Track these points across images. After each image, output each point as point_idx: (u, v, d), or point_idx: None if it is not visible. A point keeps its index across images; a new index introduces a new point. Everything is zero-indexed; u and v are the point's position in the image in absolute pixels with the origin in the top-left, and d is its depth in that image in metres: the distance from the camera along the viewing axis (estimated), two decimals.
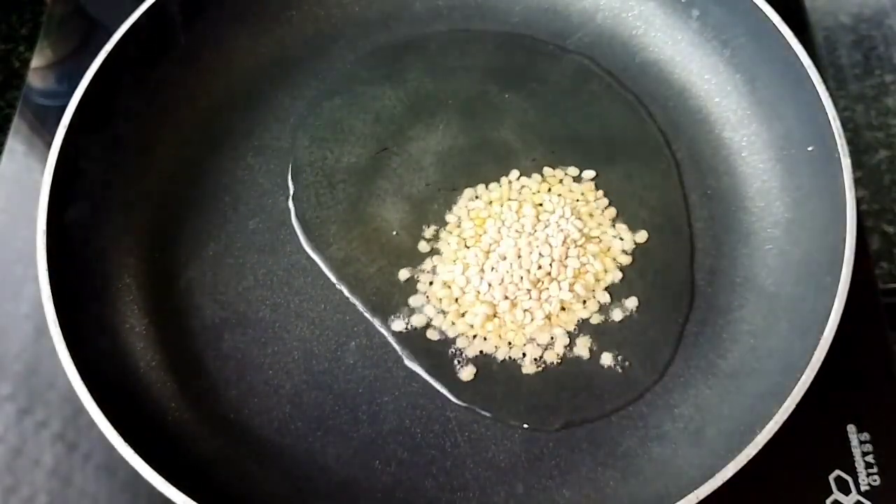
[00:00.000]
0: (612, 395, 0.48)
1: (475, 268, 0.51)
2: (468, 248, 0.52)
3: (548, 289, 0.51)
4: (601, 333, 0.50)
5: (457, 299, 0.51)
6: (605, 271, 0.52)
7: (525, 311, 0.50)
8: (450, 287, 0.51)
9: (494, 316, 0.50)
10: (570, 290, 0.51)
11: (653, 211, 0.54)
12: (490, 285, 0.51)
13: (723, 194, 0.54)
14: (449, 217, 0.54)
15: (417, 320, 0.51)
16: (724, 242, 0.53)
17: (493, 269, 0.51)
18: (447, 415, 0.48)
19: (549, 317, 0.50)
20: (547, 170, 0.55)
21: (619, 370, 0.49)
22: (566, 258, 0.51)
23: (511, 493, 0.46)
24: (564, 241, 0.52)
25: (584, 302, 0.51)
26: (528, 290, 0.50)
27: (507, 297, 0.50)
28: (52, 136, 0.49)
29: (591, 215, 0.54)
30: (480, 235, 0.53)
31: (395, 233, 0.54)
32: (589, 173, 0.55)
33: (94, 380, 0.43)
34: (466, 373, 0.49)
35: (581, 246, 0.52)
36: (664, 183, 0.55)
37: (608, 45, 0.60)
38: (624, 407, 0.48)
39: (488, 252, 0.52)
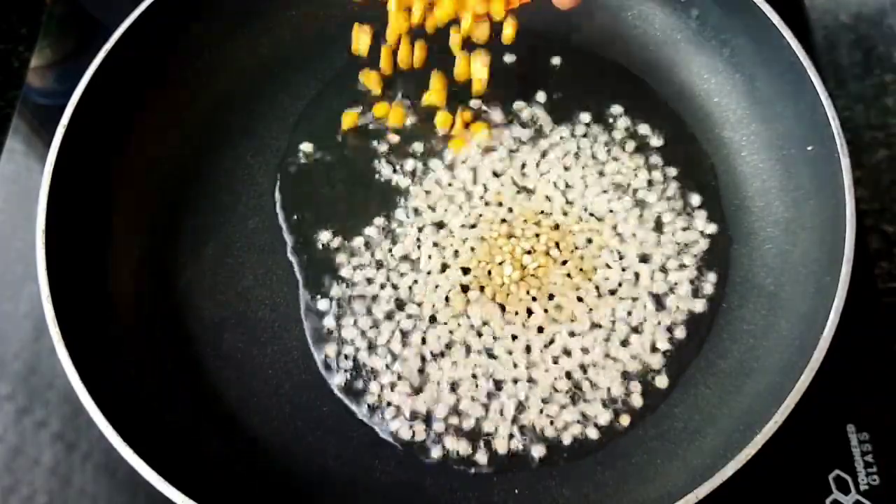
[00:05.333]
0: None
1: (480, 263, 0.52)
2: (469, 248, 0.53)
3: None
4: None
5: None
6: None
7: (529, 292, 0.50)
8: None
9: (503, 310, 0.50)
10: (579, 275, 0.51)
11: None
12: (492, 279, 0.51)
13: (723, 194, 0.54)
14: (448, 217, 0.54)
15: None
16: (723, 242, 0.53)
17: (495, 263, 0.51)
18: None
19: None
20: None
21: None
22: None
23: (511, 492, 0.46)
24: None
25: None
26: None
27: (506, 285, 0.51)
28: (52, 136, 0.49)
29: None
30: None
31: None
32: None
33: (94, 379, 0.43)
34: None
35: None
36: None
37: (608, 44, 0.60)
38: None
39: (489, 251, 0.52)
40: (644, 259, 0.52)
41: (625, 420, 0.48)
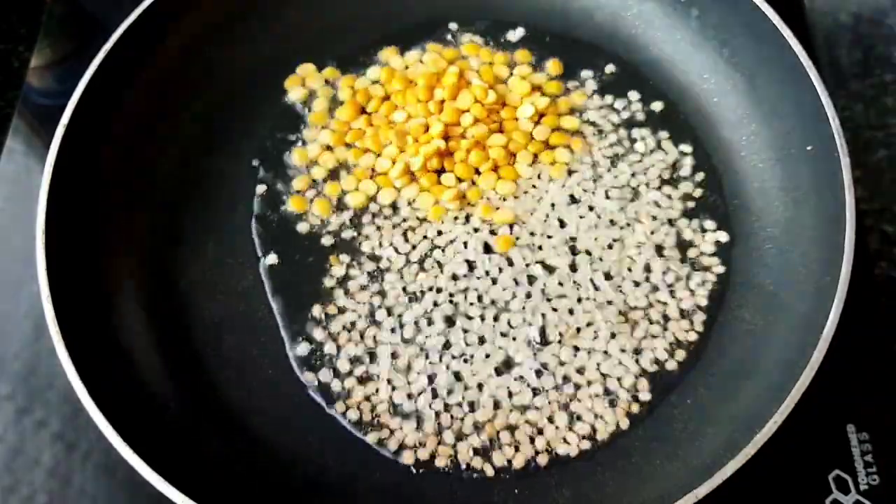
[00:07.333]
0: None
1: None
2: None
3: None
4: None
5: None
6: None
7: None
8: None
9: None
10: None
11: None
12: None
13: (723, 194, 0.54)
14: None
15: None
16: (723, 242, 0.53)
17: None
18: None
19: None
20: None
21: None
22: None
23: (510, 492, 0.46)
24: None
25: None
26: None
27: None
28: (52, 136, 0.49)
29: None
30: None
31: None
32: None
33: (94, 379, 0.43)
34: None
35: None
36: None
37: (607, 44, 0.60)
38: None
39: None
40: (643, 259, 0.52)
41: (624, 421, 0.48)
